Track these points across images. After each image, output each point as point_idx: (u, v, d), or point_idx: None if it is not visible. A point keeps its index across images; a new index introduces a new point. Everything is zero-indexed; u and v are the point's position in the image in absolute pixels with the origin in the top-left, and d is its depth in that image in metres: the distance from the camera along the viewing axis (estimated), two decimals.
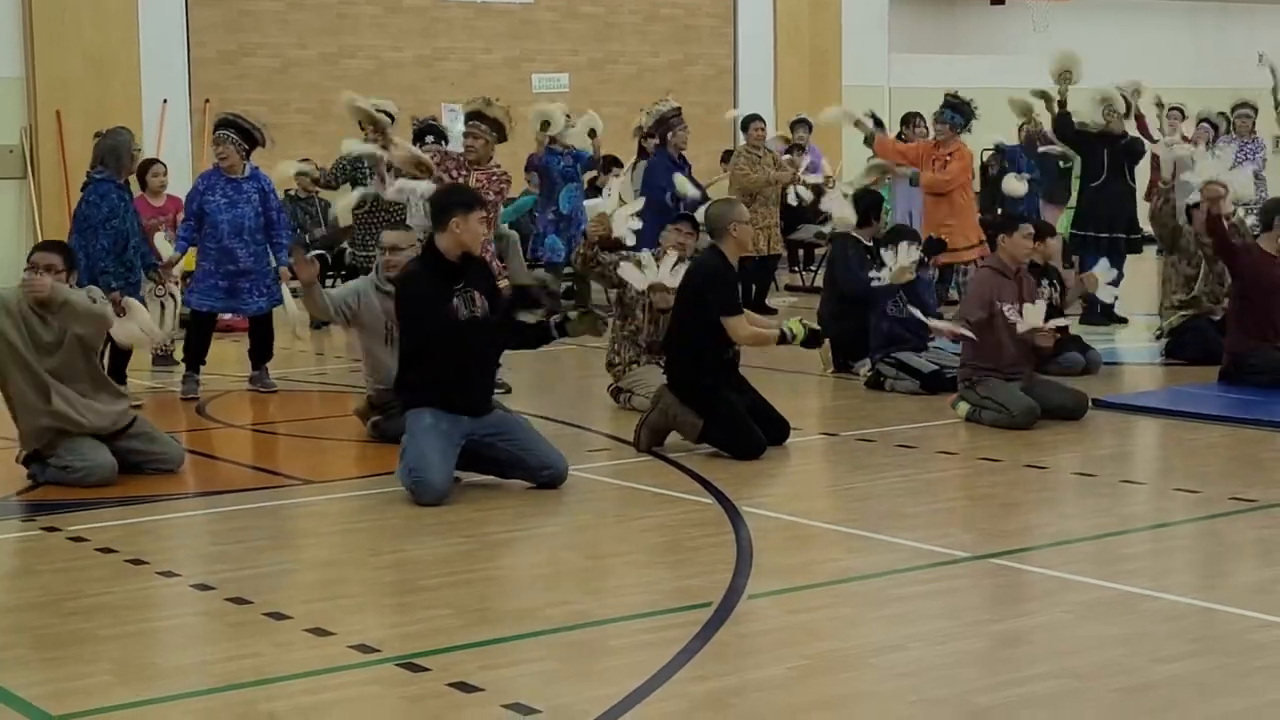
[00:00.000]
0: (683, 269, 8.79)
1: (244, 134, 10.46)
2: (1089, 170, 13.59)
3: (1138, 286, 13.54)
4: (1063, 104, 13.36)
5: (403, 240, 8.76)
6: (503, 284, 9.31)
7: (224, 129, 10.50)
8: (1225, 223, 10.13)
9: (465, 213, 7.37)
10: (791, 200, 15.25)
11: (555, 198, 14.40)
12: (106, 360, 9.05)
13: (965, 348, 9.14)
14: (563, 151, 14.41)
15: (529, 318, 7.84)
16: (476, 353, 7.42)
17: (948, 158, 12.96)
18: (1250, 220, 11.73)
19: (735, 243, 8.37)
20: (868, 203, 10.99)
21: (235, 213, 10.35)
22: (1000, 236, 9.26)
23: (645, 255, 9.22)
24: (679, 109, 13.93)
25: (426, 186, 9.50)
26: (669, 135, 13.76)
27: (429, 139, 12.51)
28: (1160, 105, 16.97)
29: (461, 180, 9.73)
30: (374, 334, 8.74)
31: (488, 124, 9.96)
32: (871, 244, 10.67)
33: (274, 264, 10.60)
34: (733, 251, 8.38)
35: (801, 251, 17.72)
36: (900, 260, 9.93)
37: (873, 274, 10.11)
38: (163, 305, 10.52)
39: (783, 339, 8.42)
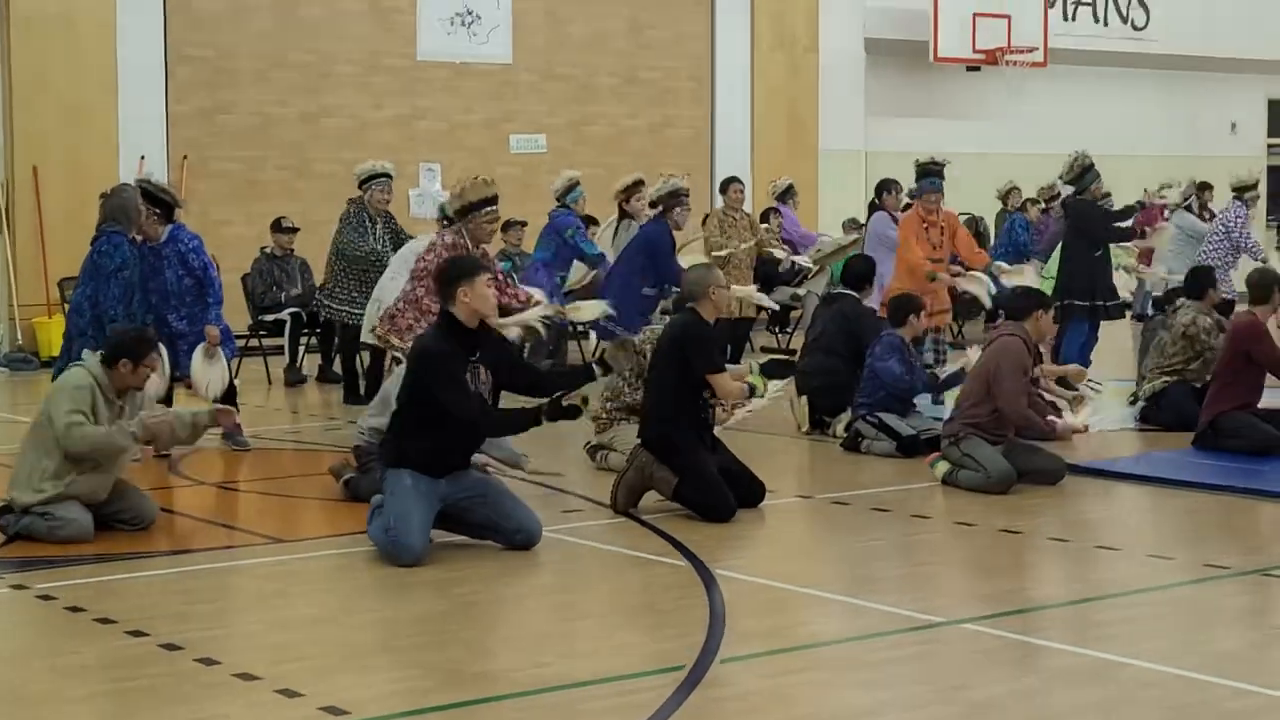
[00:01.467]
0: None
1: (157, 202, 10.41)
2: (1065, 237, 13.64)
3: (1113, 352, 13.57)
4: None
5: None
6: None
7: (143, 202, 10.35)
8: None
9: (470, 280, 7.36)
10: (779, 255, 15.39)
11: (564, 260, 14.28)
12: None
13: (967, 403, 9.11)
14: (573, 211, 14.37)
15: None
16: (476, 426, 7.44)
17: (944, 225, 12.89)
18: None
19: (713, 306, 8.42)
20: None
21: (159, 281, 10.32)
22: (1038, 312, 9.23)
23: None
24: (688, 189, 13.67)
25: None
26: (675, 209, 13.50)
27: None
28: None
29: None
30: None
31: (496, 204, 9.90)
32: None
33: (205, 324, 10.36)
34: (709, 314, 8.42)
35: (778, 313, 17.75)
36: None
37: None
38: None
39: (751, 393, 8.45)
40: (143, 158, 16.86)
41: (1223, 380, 10.13)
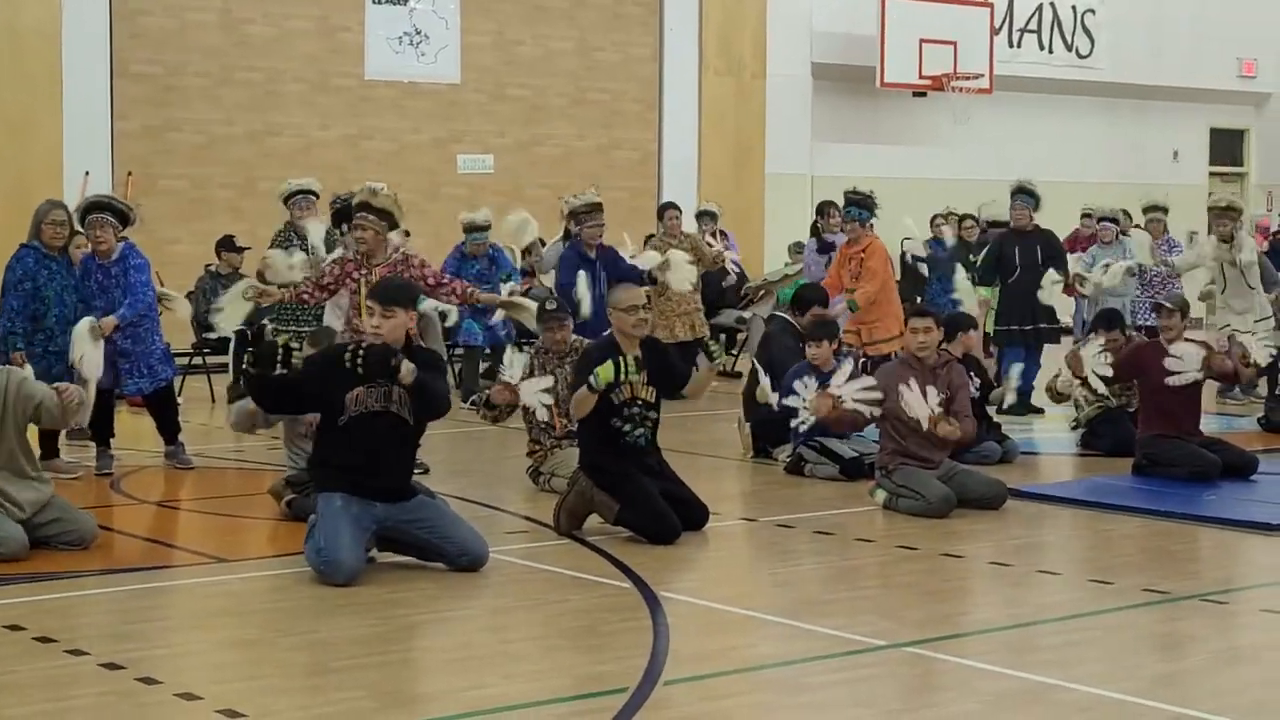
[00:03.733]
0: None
1: (120, 216, 10.32)
2: (1004, 266, 13.77)
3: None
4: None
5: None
6: None
7: (100, 212, 10.26)
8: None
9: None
10: (729, 265, 15.44)
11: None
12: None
13: (883, 436, 9.19)
14: (476, 256, 14.27)
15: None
16: (379, 444, 7.31)
17: (861, 256, 12.94)
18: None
19: (615, 329, 8.35)
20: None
21: (106, 299, 10.18)
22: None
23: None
24: (598, 204, 13.59)
25: None
26: (586, 224, 13.47)
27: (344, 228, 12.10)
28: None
29: (363, 279, 9.46)
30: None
31: (375, 214, 9.46)
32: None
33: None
34: (622, 336, 8.32)
35: (724, 336, 17.79)
36: (811, 395, 9.38)
37: (794, 402, 9.56)
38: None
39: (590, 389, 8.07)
40: (87, 174, 16.77)
41: (1147, 409, 10.22)
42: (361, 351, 7.10)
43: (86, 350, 9.46)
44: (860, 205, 13.05)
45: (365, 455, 7.27)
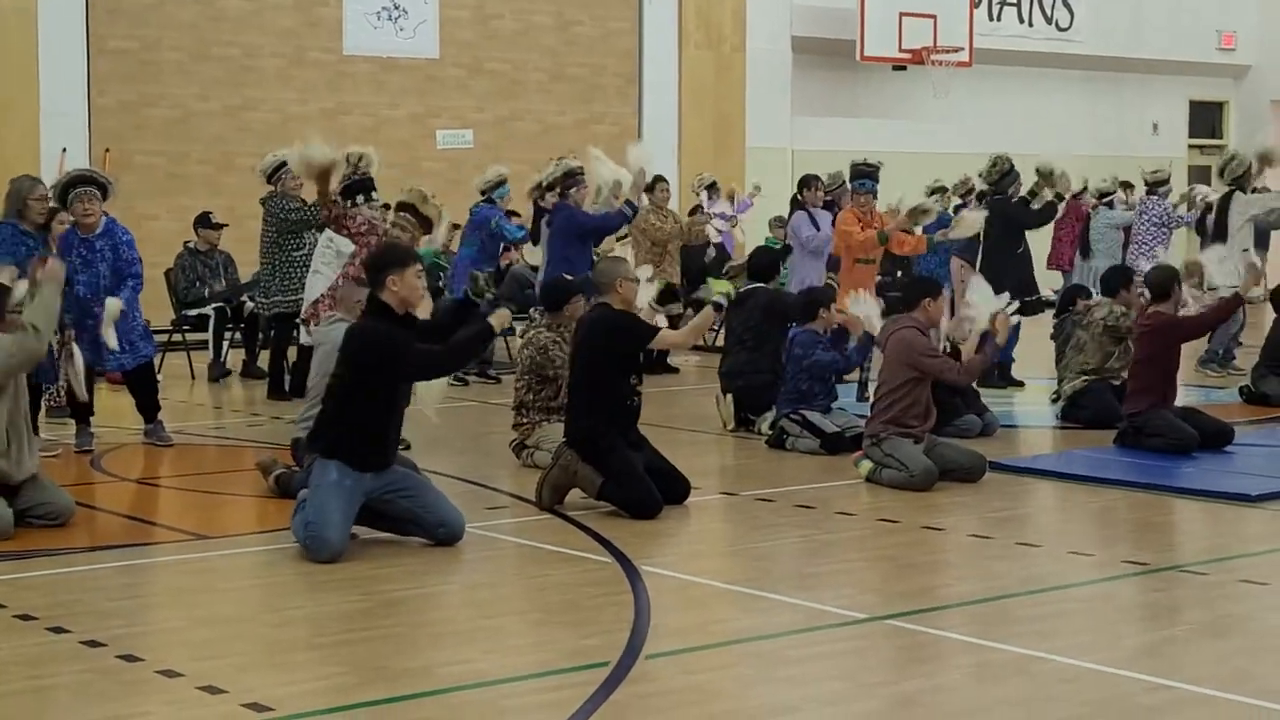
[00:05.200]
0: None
1: (103, 190, 10.30)
2: (987, 235, 13.76)
3: (1035, 350, 13.69)
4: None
5: None
6: None
7: (86, 185, 10.24)
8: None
9: (400, 270, 7.36)
10: (712, 234, 15.51)
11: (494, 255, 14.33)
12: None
13: (882, 404, 9.18)
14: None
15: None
16: (395, 410, 7.46)
17: (876, 227, 12.98)
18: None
19: (620, 299, 8.41)
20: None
21: (90, 273, 10.15)
22: (925, 301, 9.31)
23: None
24: (582, 167, 13.90)
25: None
26: (572, 189, 13.73)
27: (359, 199, 11.99)
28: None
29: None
30: None
31: (418, 219, 9.96)
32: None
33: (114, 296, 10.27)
34: (619, 306, 8.42)
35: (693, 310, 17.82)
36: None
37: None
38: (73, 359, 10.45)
39: (717, 308, 8.67)
40: (64, 150, 16.70)
41: (1137, 380, 10.26)
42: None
43: (111, 331, 10.01)
44: (868, 176, 13.06)
45: (391, 425, 7.41)
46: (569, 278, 10.42)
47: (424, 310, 8.00)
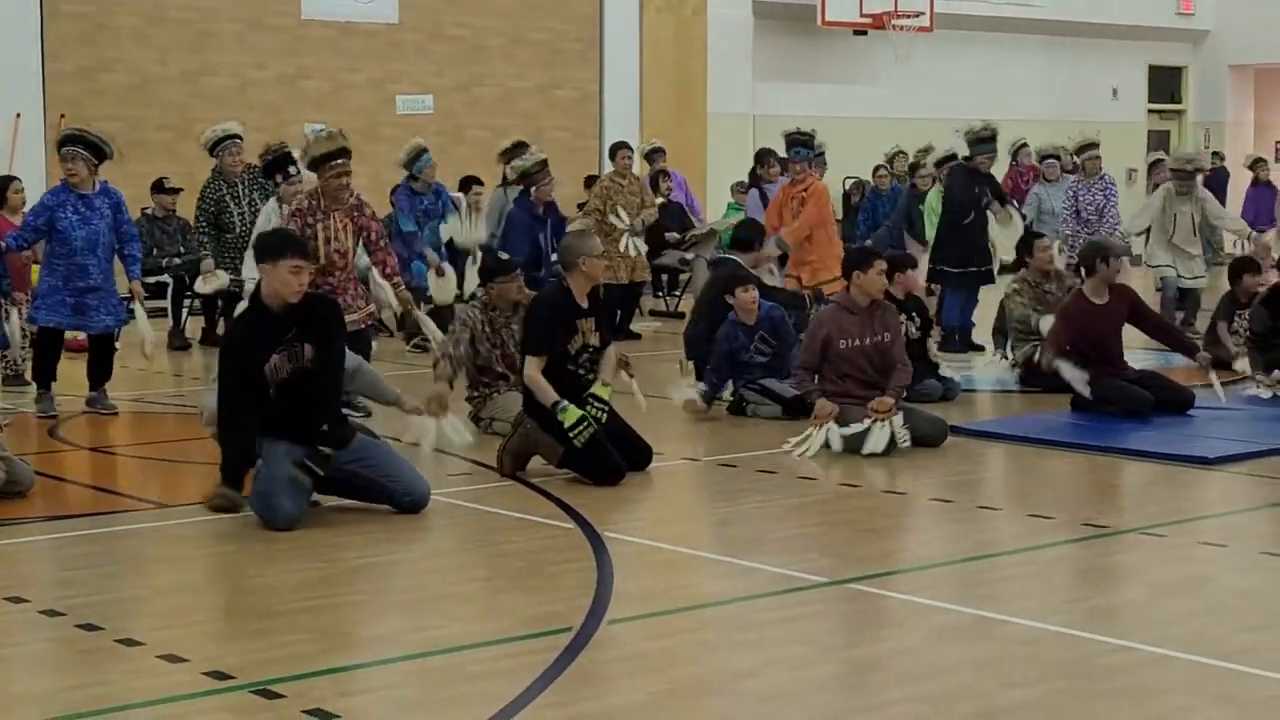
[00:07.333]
0: None
1: (92, 149, 10.24)
2: (944, 206, 13.82)
3: (993, 316, 13.72)
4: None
5: None
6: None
7: (72, 144, 10.20)
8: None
9: (272, 261, 7.14)
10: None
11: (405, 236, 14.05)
12: None
13: (822, 380, 9.20)
14: (422, 191, 14.16)
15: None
16: (303, 401, 7.21)
17: (803, 195, 12.97)
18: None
19: (584, 276, 8.34)
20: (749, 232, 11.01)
21: (90, 229, 10.14)
22: (855, 273, 9.31)
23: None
24: (544, 161, 13.81)
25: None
26: (533, 189, 13.69)
27: (290, 170, 11.90)
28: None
29: (321, 227, 9.59)
30: None
31: (349, 157, 9.69)
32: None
33: (129, 279, 10.45)
34: (580, 285, 8.33)
35: (665, 277, 17.78)
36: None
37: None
38: (9, 320, 10.42)
39: (553, 409, 8.05)
40: (19, 116, 16.54)
41: (1076, 355, 10.27)
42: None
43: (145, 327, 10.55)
44: (802, 144, 13.06)
45: (287, 413, 7.19)
46: (504, 256, 10.32)
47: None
